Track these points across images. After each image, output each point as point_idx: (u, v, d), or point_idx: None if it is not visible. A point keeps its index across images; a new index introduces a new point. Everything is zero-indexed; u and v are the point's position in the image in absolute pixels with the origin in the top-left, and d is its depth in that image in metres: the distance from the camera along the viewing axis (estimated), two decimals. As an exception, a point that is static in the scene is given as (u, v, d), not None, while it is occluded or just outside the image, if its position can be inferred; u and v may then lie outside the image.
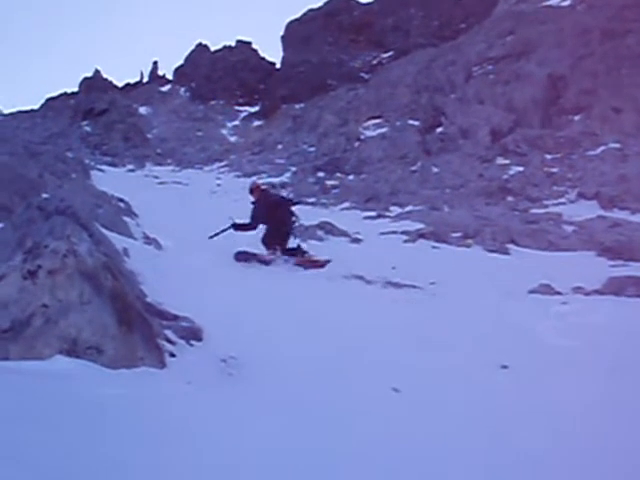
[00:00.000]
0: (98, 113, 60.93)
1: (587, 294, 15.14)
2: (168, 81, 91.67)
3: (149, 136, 62.52)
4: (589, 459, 5.61)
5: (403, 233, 24.18)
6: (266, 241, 17.27)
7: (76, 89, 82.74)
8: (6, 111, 73.86)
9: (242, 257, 16.29)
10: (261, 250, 16.98)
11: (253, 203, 18.16)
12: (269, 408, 6.11)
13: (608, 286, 15.60)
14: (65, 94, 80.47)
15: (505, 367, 8.55)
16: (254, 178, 19.12)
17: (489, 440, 6.00)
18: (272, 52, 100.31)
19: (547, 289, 15.30)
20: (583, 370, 8.47)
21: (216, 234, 17.20)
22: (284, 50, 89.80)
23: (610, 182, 32.45)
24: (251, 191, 18.89)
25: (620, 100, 42.57)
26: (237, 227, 17.54)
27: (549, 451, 5.80)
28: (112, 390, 5.46)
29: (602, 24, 49.18)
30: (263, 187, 19.80)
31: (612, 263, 20.01)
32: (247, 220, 17.57)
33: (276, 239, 17.36)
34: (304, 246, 17.55)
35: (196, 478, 4.34)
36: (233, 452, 4.87)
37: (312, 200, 36.66)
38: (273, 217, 17.41)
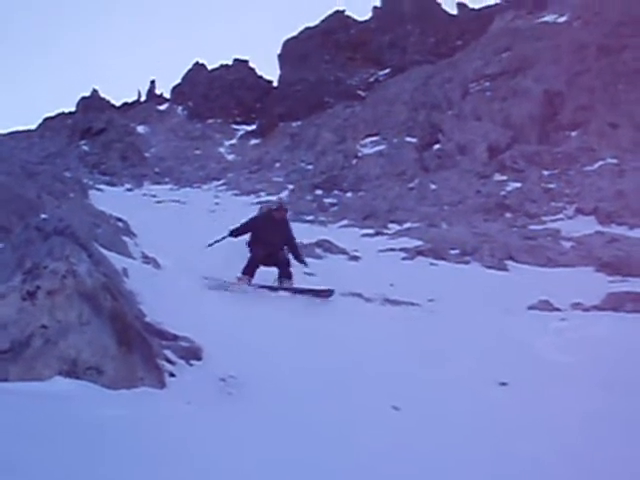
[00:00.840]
0: (96, 132, 60.97)
1: (586, 310, 15.15)
2: (165, 100, 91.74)
3: (147, 155, 62.55)
4: (589, 472, 5.61)
5: (401, 250, 24.20)
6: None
7: (74, 109, 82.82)
8: (3, 131, 73.99)
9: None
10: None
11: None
12: (269, 426, 6.10)
13: (607, 302, 15.61)
14: (63, 114, 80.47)
15: (504, 384, 8.56)
16: (280, 196, 18.06)
17: (489, 454, 6.00)
18: (269, 70, 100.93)
19: (546, 305, 15.32)
20: (582, 386, 8.47)
21: (215, 241, 16.97)
22: (281, 68, 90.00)
23: (608, 197, 32.51)
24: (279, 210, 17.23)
25: (617, 115, 42.68)
26: (233, 233, 16.83)
27: (549, 465, 5.80)
28: (112, 411, 5.45)
29: (598, 40, 49.35)
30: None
31: (610, 279, 20.04)
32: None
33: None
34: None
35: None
36: (233, 471, 4.86)
37: (310, 218, 36.71)
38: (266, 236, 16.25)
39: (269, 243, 16.10)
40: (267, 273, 15.82)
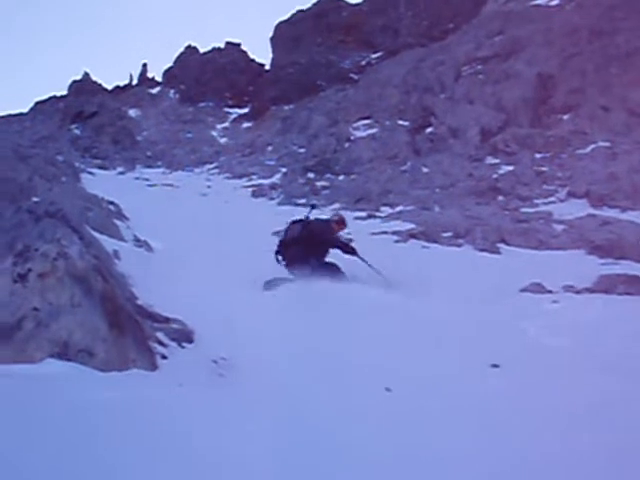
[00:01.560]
0: (88, 116, 60.82)
1: (578, 292, 15.20)
2: (157, 83, 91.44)
3: (139, 139, 62.40)
4: (582, 456, 5.61)
5: (394, 233, 24.24)
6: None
7: (65, 92, 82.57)
8: (-5, 114, 73.66)
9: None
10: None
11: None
12: (260, 408, 6.10)
13: (599, 284, 15.68)
14: (54, 97, 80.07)
15: (496, 366, 8.56)
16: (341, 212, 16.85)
17: (480, 435, 6.00)
18: (261, 53, 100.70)
19: (538, 288, 15.35)
20: (574, 368, 8.49)
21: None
22: (273, 51, 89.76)
23: (600, 180, 32.50)
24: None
25: (609, 99, 42.63)
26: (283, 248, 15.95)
27: (542, 448, 5.80)
28: (104, 393, 5.45)
29: (591, 23, 49.25)
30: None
31: (602, 261, 20.10)
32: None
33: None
34: None
35: (187, 478, 4.33)
36: (224, 452, 4.86)
37: (302, 201, 36.70)
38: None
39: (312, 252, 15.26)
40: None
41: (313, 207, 16.45)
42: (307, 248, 15.15)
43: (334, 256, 15.68)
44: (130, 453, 4.50)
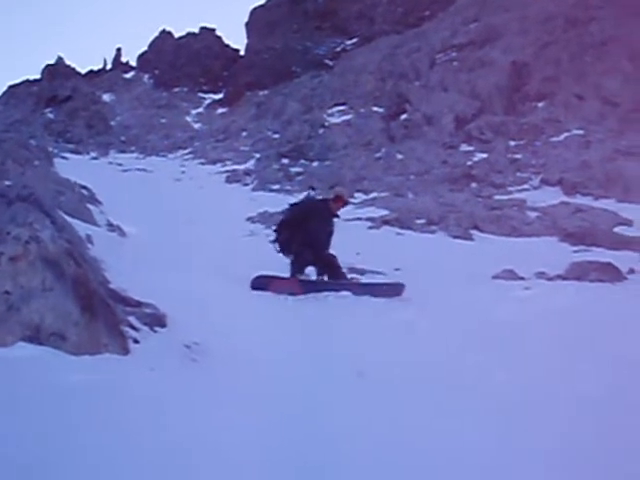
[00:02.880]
0: (61, 100, 60.60)
1: (550, 279, 15.28)
2: (132, 68, 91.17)
3: (113, 123, 62.21)
4: (548, 440, 5.66)
5: (368, 219, 24.30)
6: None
7: (39, 76, 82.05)
8: (-33, 98, 73.18)
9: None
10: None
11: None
12: (233, 393, 6.11)
13: (570, 271, 15.77)
14: (27, 81, 79.51)
15: (468, 351, 8.60)
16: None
17: (448, 418, 6.04)
18: (236, 39, 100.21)
19: (510, 274, 15.43)
20: (546, 354, 8.54)
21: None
22: (248, 37, 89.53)
23: (573, 168, 32.71)
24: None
25: (583, 87, 42.89)
26: (282, 228, 14.13)
27: (509, 429, 5.86)
28: (76, 376, 5.44)
29: (566, 12, 49.50)
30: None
31: (575, 248, 20.26)
32: None
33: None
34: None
35: (158, 461, 4.34)
36: (196, 436, 4.87)
37: (276, 187, 36.81)
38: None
39: (318, 241, 13.66)
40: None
41: (312, 189, 15.62)
42: (299, 232, 13.61)
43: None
44: (101, 437, 4.50)
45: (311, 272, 13.83)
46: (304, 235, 13.40)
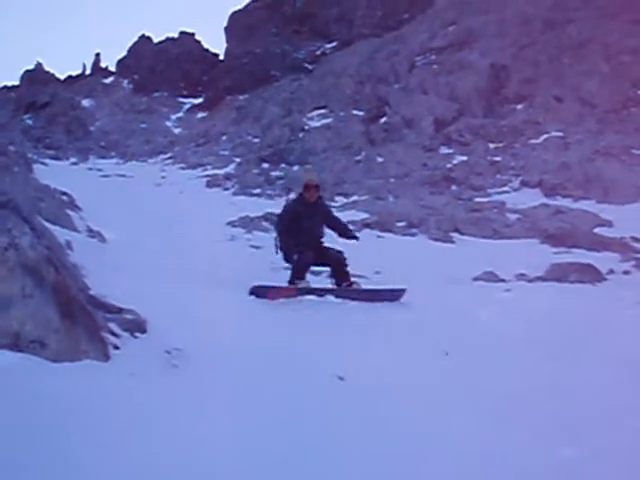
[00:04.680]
0: (40, 106, 60.37)
1: (530, 281, 15.37)
2: (111, 73, 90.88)
3: (92, 129, 62.04)
4: (522, 442, 5.69)
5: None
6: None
7: (17, 82, 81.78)
8: (-54, 104, 72.80)
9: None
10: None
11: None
12: (214, 399, 6.10)
13: (551, 272, 15.88)
14: (5, 87, 79.16)
15: (449, 353, 8.62)
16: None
17: (428, 422, 6.05)
18: (215, 43, 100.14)
19: (491, 276, 15.51)
20: (525, 355, 8.58)
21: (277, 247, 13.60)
22: (227, 41, 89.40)
23: (552, 170, 32.84)
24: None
25: (562, 89, 43.08)
26: (280, 230, 13.73)
27: (490, 433, 5.87)
28: (56, 383, 5.42)
29: (544, 14, 49.78)
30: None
31: (555, 250, 20.34)
32: None
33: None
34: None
35: (139, 468, 4.34)
36: (176, 442, 4.87)
37: (257, 191, 36.84)
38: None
39: (313, 236, 13.44)
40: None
41: (289, 191, 15.23)
42: (294, 236, 13.30)
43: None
44: (82, 443, 4.49)
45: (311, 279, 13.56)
46: (298, 236, 13.15)
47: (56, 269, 6.69)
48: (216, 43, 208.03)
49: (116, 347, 6.95)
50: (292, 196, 15.38)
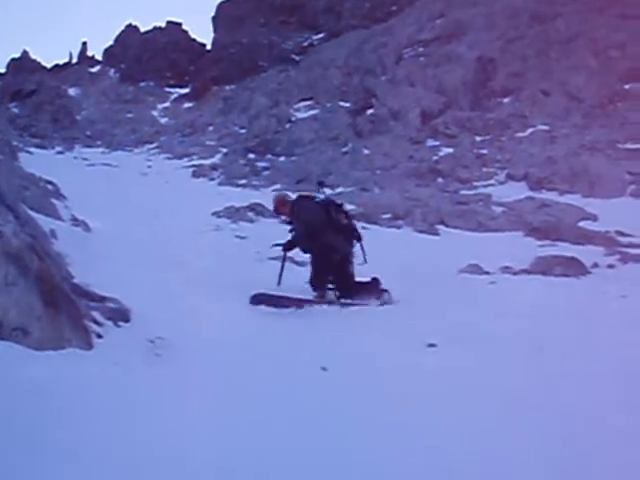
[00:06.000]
0: (26, 94, 60.11)
1: (515, 274, 15.38)
2: (97, 62, 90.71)
3: (78, 118, 61.84)
4: (508, 436, 5.68)
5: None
6: (313, 281, 12.26)
7: (3, 70, 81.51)
8: None
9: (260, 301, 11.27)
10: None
11: (289, 223, 13.36)
12: (198, 388, 6.08)
13: (536, 266, 15.89)
14: (-8, 75, 79.06)
15: (433, 345, 8.61)
16: (276, 194, 13.24)
17: (410, 414, 6.04)
18: (203, 33, 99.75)
19: (476, 269, 15.52)
20: (509, 349, 8.58)
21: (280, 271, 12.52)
22: (215, 31, 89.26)
23: (539, 163, 32.91)
24: (276, 209, 13.86)
25: (549, 83, 43.12)
26: (289, 246, 13.03)
27: (473, 425, 5.86)
28: (39, 371, 5.40)
29: (532, 7, 49.83)
30: (292, 197, 13.55)
31: (540, 243, 20.39)
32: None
33: (327, 274, 12.36)
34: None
35: (123, 456, 4.32)
36: (160, 431, 4.85)
37: (243, 182, 36.84)
38: (315, 240, 12.32)
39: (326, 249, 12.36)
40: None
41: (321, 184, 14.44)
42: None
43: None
44: (65, 432, 4.47)
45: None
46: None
47: (40, 257, 6.66)
48: (203, 33, 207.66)
49: (99, 336, 6.93)
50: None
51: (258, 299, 11.22)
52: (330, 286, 12.13)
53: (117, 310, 7.94)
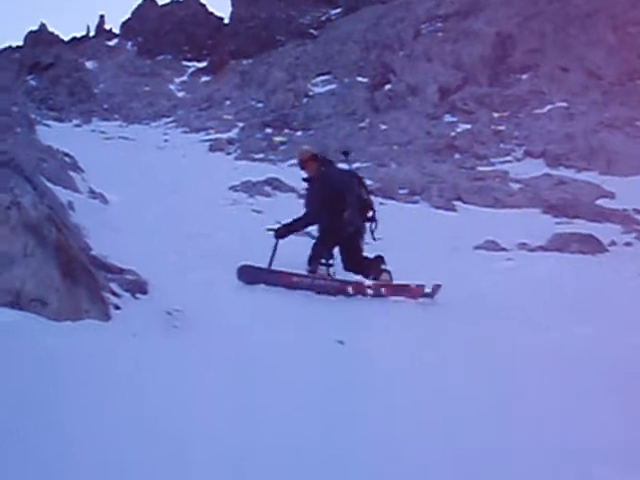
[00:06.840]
0: (44, 67, 60.03)
1: (531, 250, 15.38)
2: (115, 35, 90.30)
3: (96, 91, 61.71)
4: (532, 411, 5.68)
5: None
6: (315, 250, 11.64)
7: (21, 43, 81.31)
8: (-51, 64, 72.45)
9: (249, 276, 10.53)
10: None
11: (307, 180, 12.77)
12: (214, 359, 6.12)
13: (552, 242, 15.88)
14: (10, 48, 78.59)
15: (451, 319, 8.64)
16: (305, 147, 12.73)
17: (427, 388, 6.06)
18: (221, 7, 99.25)
19: (492, 245, 15.52)
20: (525, 324, 8.59)
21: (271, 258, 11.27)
22: (233, 5, 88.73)
23: (556, 140, 32.76)
24: (302, 162, 13.03)
25: (567, 59, 42.82)
26: (284, 232, 11.94)
27: (478, 394, 5.87)
28: (57, 342, 5.44)
29: (550, -17, 49.38)
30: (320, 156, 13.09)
31: (557, 220, 20.34)
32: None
33: (333, 245, 11.77)
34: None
35: (140, 427, 4.34)
36: (177, 401, 4.89)
37: (260, 156, 36.76)
38: (333, 208, 11.47)
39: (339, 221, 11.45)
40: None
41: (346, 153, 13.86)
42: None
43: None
44: (83, 402, 4.50)
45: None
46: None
47: (58, 228, 6.69)
48: (221, 7, 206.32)
49: (117, 307, 6.98)
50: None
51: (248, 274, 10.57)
52: (323, 261, 11.38)
53: (134, 282, 7.98)
